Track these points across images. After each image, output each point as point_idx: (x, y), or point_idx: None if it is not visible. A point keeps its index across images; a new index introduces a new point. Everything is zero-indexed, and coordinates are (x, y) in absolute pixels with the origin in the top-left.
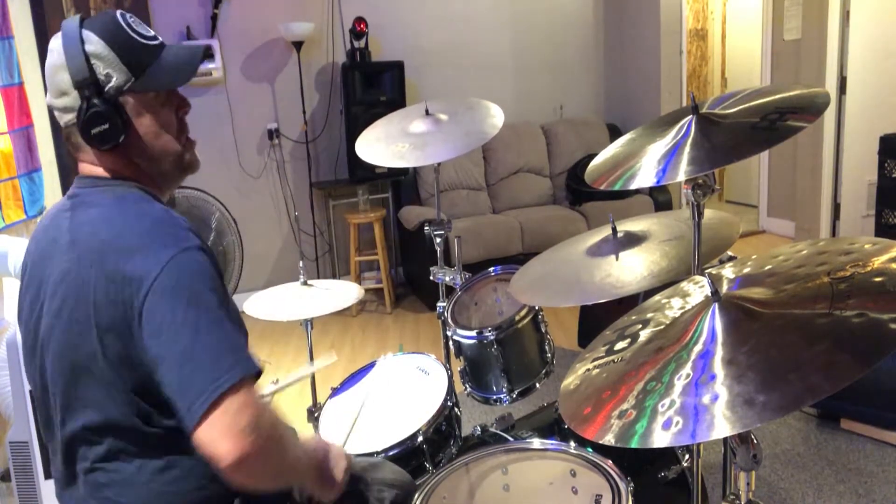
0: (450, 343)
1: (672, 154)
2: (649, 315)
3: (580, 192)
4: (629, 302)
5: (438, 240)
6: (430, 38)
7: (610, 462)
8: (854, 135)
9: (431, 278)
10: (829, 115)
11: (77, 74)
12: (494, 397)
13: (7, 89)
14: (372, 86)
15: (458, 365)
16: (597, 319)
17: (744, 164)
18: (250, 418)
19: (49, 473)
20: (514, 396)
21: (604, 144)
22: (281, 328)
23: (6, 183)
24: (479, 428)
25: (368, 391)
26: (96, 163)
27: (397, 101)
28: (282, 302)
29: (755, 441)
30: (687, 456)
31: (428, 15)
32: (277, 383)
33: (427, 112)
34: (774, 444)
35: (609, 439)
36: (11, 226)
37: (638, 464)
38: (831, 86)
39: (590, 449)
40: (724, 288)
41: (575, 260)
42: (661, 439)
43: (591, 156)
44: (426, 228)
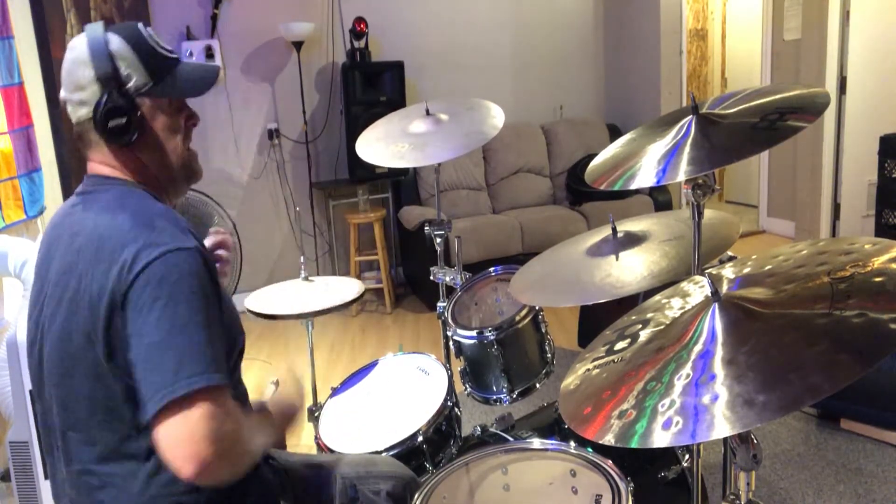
0: (450, 343)
1: (672, 154)
2: (649, 315)
3: (580, 192)
4: (629, 302)
5: (438, 240)
6: (430, 38)
7: (610, 462)
8: (854, 135)
9: (431, 278)
10: (829, 115)
11: (101, 69)
12: (494, 397)
13: (7, 89)
14: (372, 86)
15: (459, 365)
16: (597, 319)
17: (744, 165)
18: (208, 430)
19: (49, 474)
20: (514, 396)
21: (604, 144)
22: (281, 328)
23: (6, 183)
24: (479, 428)
25: (369, 390)
26: (106, 162)
27: (397, 102)
28: (283, 298)
29: (755, 441)
30: (687, 456)
31: (428, 15)
32: (278, 385)
33: (427, 112)
34: (774, 444)
35: (609, 439)
36: (11, 226)
37: (638, 464)
38: (831, 86)
39: (590, 449)
40: (724, 288)
41: (575, 260)
42: (661, 439)
43: (591, 156)
44: (426, 228)
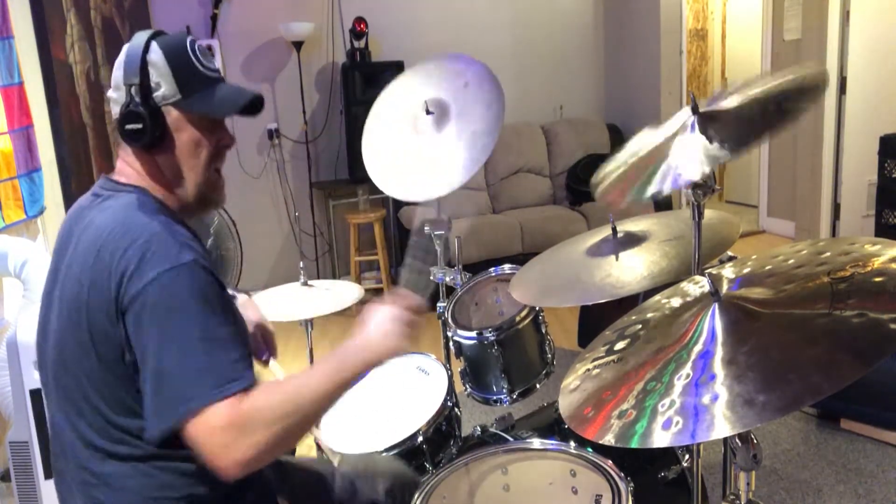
0: (450, 343)
1: (678, 156)
2: (649, 315)
3: (580, 192)
4: (629, 302)
5: (438, 240)
6: (430, 38)
7: (610, 462)
8: (854, 135)
9: (431, 278)
10: (829, 115)
11: (128, 73)
12: (494, 398)
13: (7, 89)
14: (372, 86)
15: (459, 365)
16: (597, 319)
17: (744, 164)
18: (224, 440)
19: (49, 473)
20: (515, 397)
21: (604, 144)
22: (281, 328)
23: (6, 183)
24: (479, 428)
25: (369, 390)
26: (127, 163)
27: None
28: (282, 302)
29: (755, 441)
30: (687, 456)
31: (428, 15)
32: None
33: (427, 112)
34: (774, 444)
35: (609, 439)
36: (11, 226)
37: (638, 464)
38: (831, 86)
39: (590, 449)
40: (724, 288)
41: (575, 260)
42: (661, 439)
43: (591, 156)
44: (426, 228)
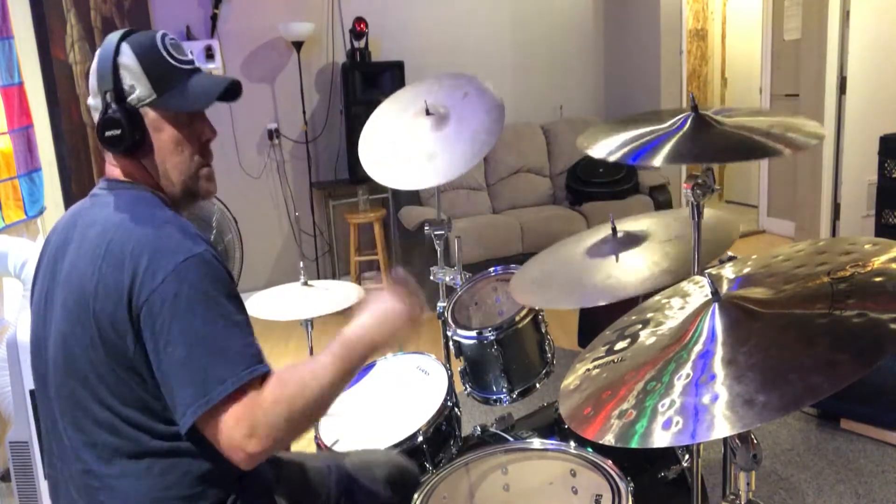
0: (450, 343)
1: (660, 140)
2: (649, 315)
3: (580, 192)
4: (629, 302)
5: (438, 240)
6: (430, 38)
7: (610, 462)
8: (854, 135)
9: (431, 278)
10: (829, 115)
11: (101, 80)
12: (494, 397)
13: (7, 89)
14: (372, 86)
15: (458, 365)
16: (597, 319)
17: (744, 164)
18: (249, 426)
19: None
20: (514, 397)
21: None
22: (281, 328)
23: (6, 183)
24: (479, 428)
25: (369, 390)
26: (115, 164)
27: None
28: (282, 302)
29: (755, 441)
30: (687, 456)
31: (428, 15)
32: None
33: (427, 112)
34: (774, 444)
35: (609, 439)
36: (11, 226)
37: (638, 464)
38: (831, 86)
39: (590, 449)
40: (724, 288)
41: (575, 261)
42: (661, 439)
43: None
44: (426, 228)
